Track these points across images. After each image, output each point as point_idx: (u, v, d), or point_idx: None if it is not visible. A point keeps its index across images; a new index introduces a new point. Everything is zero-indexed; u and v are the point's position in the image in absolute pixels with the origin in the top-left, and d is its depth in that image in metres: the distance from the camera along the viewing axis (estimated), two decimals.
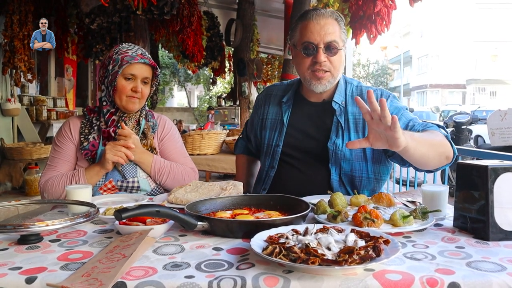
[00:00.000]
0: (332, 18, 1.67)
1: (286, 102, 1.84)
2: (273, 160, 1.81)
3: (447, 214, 1.35)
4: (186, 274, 0.88)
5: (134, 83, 1.76)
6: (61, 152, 1.81)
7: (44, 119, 6.21)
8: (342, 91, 1.77)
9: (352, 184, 1.72)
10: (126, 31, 5.31)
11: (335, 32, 1.65)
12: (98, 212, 1.23)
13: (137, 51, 1.79)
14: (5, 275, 0.89)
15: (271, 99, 1.91)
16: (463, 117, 6.73)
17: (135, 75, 1.76)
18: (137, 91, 1.76)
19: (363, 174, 1.72)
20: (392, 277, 0.86)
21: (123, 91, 1.75)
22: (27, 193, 5.09)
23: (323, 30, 1.64)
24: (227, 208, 1.38)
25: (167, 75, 21.25)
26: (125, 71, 1.75)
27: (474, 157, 3.10)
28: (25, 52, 4.90)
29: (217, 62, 7.35)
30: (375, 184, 1.75)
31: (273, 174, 1.81)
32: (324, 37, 1.64)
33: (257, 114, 1.96)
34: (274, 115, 1.87)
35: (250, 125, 2.04)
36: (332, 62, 1.67)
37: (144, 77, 1.78)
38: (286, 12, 5.32)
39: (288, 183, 1.77)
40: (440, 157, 1.48)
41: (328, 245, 0.94)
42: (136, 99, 1.78)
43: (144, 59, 1.77)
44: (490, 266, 0.93)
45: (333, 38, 1.64)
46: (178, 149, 1.97)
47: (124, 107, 1.78)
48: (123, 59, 1.74)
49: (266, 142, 1.85)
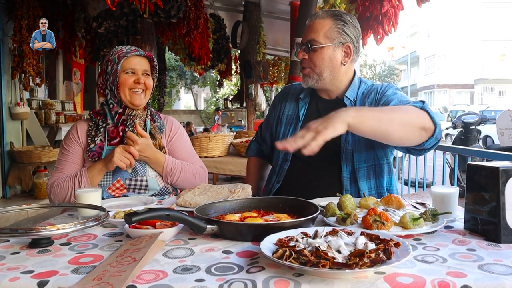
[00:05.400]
0: (327, 16, 1.71)
1: (303, 99, 1.89)
2: (286, 153, 1.83)
3: (457, 216, 1.34)
4: (196, 278, 0.88)
5: (135, 76, 1.81)
6: (68, 155, 1.84)
7: (52, 123, 6.26)
8: (355, 89, 1.79)
9: (368, 176, 1.74)
10: (133, 35, 5.35)
11: (320, 30, 1.70)
12: (108, 215, 1.24)
13: (131, 47, 1.85)
14: (17, 278, 0.90)
15: (289, 97, 1.96)
16: (471, 118, 6.67)
17: (135, 68, 1.81)
18: (140, 82, 1.80)
19: (375, 161, 1.75)
20: (403, 280, 0.86)
21: (125, 84, 1.79)
22: (36, 196, 5.14)
23: (308, 30, 1.73)
24: (236, 211, 1.38)
25: (173, 77, 21.34)
26: (124, 66, 1.80)
27: (483, 158, 3.07)
28: (34, 56, 4.96)
29: (224, 64, 7.37)
30: (388, 168, 1.79)
31: (287, 167, 1.83)
32: (307, 36, 1.73)
33: (273, 112, 2.00)
34: (291, 111, 1.91)
35: (265, 125, 2.07)
36: (312, 59, 1.72)
37: (144, 70, 1.83)
38: (292, 13, 5.31)
39: (301, 177, 1.80)
40: (410, 129, 1.41)
41: (338, 248, 0.94)
42: (140, 91, 1.82)
43: (139, 52, 1.83)
44: (502, 268, 0.92)
45: (313, 37, 1.70)
46: (187, 149, 1.99)
47: (130, 102, 1.81)
48: (119, 56, 1.80)
49: (280, 136, 1.88)
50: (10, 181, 5.18)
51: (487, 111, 14.38)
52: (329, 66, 1.72)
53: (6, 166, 5.17)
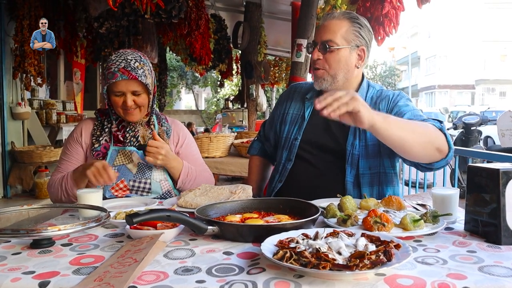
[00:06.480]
0: (344, 18, 1.70)
1: (309, 99, 1.87)
2: (290, 153, 1.82)
3: (458, 218, 1.34)
4: (197, 279, 0.89)
5: (124, 98, 1.73)
6: (69, 154, 1.85)
7: (53, 123, 6.27)
8: (363, 93, 1.78)
9: (371, 183, 1.73)
10: (134, 35, 5.35)
11: (337, 31, 1.67)
12: (109, 216, 1.24)
13: (120, 64, 1.69)
14: (19, 279, 0.91)
15: (294, 96, 1.94)
16: (472, 118, 6.66)
17: (122, 91, 1.72)
18: (127, 106, 1.73)
19: (381, 169, 1.73)
20: (404, 282, 0.86)
21: (116, 105, 1.75)
22: (37, 196, 5.14)
23: (324, 30, 1.69)
24: (237, 212, 1.38)
25: (174, 77, 21.35)
26: (111, 88, 1.73)
27: (484, 159, 3.07)
28: (35, 56, 4.96)
29: (225, 64, 7.37)
30: (393, 178, 1.77)
31: (290, 167, 1.82)
32: (322, 36, 1.69)
33: (278, 110, 1.99)
34: (296, 110, 1.89)
35: (269, 124, 2.06)
36: (327, 60, 1.69)
37: (132, 91, 1.73)
38: (294, 14, 5.32)
39: (303, 178, 1.79)
40: (427, 147, 1.43)
41: (339, 249, 0.94)
42: (132, 110, 1.76)
43: (123, 76, 1.68)
44: (503, 271, 0.92)
45: (330, 37, 1.67)
46: (195, 157, 1.99)
47: (125, 119, 1.80)
48: (107, 75, 1.72)
49: (284, 136, 1.88)
50: (11, 181, 5.18)
51: (488, 112, 14.35)
52: (344, 68, 1.71)
53: (7, 166, 5.17)
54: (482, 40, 33.30)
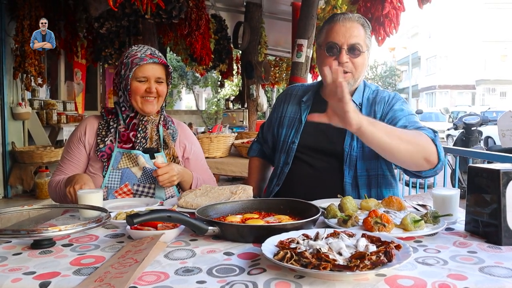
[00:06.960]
0: (359, 22, 1.72)
1: (305, 102, 1.87)
2: (287, 156, 1.82)
3: (458, 218, 1.34)
4: (198, 279, 0.89)
5: (147, 84, 1.76)
6: (72, 154, 1.83)
7: (54, 123, 6.27)
8: (360, 93, 1.80)
9: (369, 185, 1.73)
10: (134, 35, 5.36)
11: (360, 35, 1.69)
12: (110, 217, 1.24)
13: (146, 51, 1.78)
14: (19, 279, 0.91)
15: (291, 98, 1.95)
16: (473, 119, 6.66)
17: (147, 76, 1.75)
18: (151, 91, 1.75)
19: (379, 171, 1.74)
20: (404, 282, 0.86)
21: (137, 92, 1.75)
22: (37, 196, 5.15)
23: (348, 32, 1.68)
24: (237, 212, 1.38)
25: (175, 78, 21.35)
26: (136, 74, 1.75)
27: (485, 159, 3.06)
28: (36, 56, 4.97)
29: (225, 65, 7.38)
30: (391, 180, 1.78)
31: (287, 171, 1.82)
32: (348, 39, 1.68)
33: (275, 112, 1.99)
34: (293, 113, 1.90)
35: (267, 126, 2.07)
36: (354, 64, 1.70)
37: (157, 77, 1.77)
38: (294, 14, 5.32)
39: (301, 181, 1.79)
40: (414, 155, 1.43)
41: (339, 250, 0.94)
42: (152, 99, 1.78)
43: (153, 59, 1.75)
44: (503, 271, 0.92)
45: (357, 40, 1.68)
46: (201, 162, 2.01)
47: (141, 110, 1.79)
48: (132, 62, 1.74)
49: (282, 139, 1.88)
50: (11, 181, 5.19)
51: (488, 112, 14.36)
52: (364, 72, 1.76)
53: (7, 166, 5.18)
54: (483, 40, 33.29)
